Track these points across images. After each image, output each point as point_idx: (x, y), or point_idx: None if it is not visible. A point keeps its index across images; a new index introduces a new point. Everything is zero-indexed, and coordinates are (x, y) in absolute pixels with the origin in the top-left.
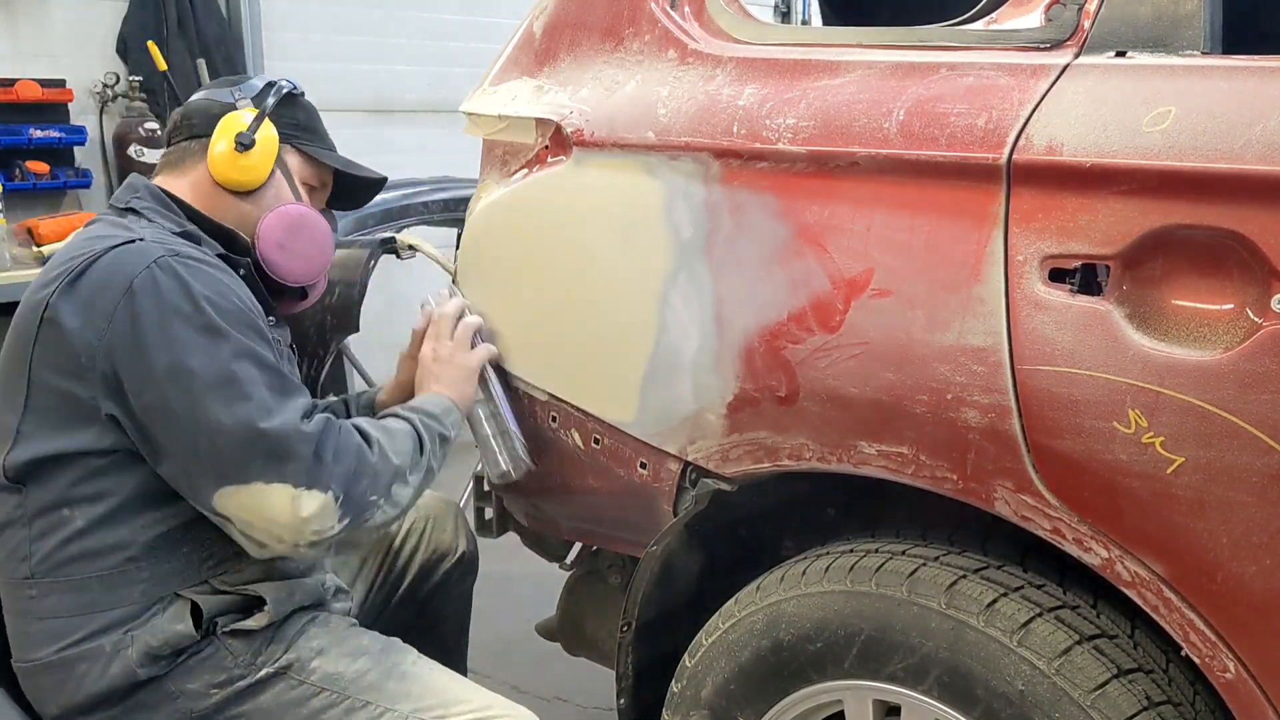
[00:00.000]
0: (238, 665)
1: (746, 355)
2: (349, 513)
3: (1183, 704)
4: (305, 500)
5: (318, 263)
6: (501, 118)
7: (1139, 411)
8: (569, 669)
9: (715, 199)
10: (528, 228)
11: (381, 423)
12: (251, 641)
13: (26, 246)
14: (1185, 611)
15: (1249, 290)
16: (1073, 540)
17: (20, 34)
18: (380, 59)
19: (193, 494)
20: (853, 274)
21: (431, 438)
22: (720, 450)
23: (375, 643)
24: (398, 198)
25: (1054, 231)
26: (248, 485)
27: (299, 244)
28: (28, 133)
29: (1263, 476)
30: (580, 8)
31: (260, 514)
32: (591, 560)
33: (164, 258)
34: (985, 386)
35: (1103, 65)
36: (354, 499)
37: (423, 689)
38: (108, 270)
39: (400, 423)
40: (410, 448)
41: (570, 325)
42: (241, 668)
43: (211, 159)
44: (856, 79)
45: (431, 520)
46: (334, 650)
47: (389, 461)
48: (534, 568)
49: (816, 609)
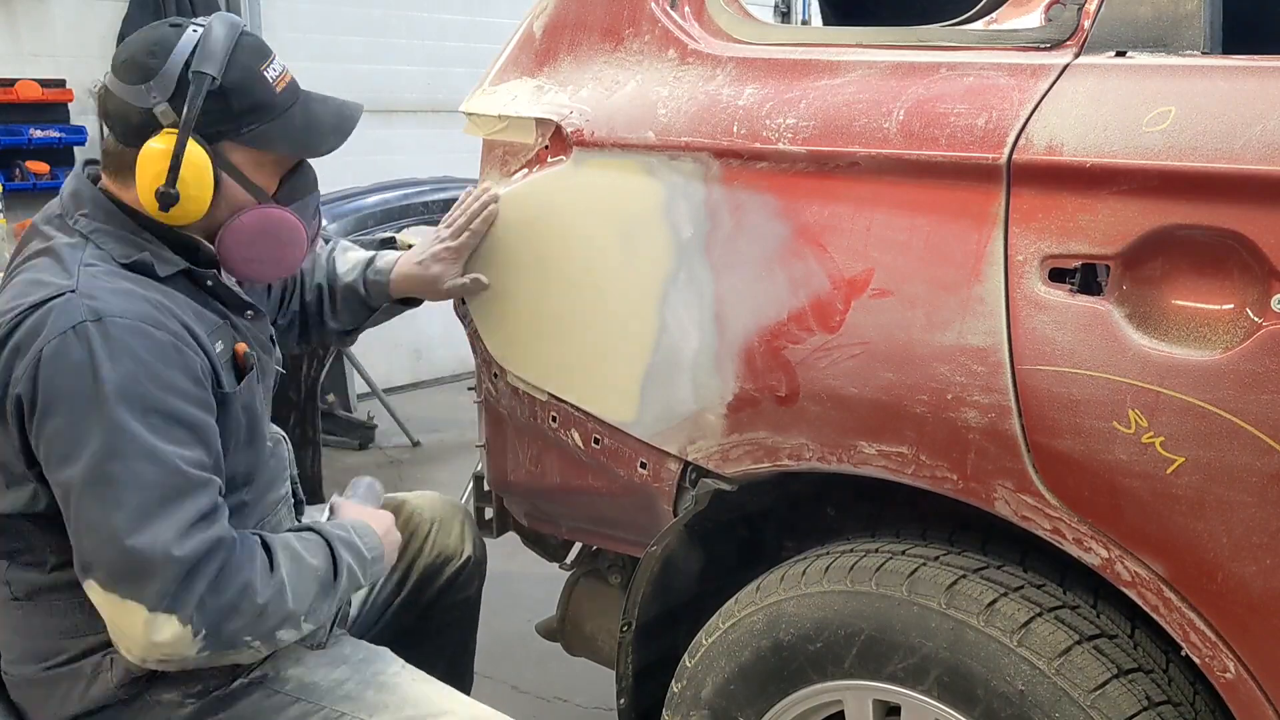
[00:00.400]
0: (214, 674)
1: (746, 355)
2: (210, 646)
3: (1183, 704)
4: (159, 624)
5: (290, 257)
6: (501, 118)
7: (1139, 411)
8: (569, 669)
9: (715, 199)
10: (528, 228)
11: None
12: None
13: None
14: (1185, 611)
15: (1249, 290)
16: (1073, 540)
17: (20, 34)
18: (380, 59)
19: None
20: (853, 274)
21: (349, 581)
22: (720, 450)
23: (357, 651)
24: (398, 198)
25: (1054, 231)
26: (107, 592)
27: (265, 250)
28: (28, 133)
29: (1263, 476)
30: (580, 8)
31: (114, 623)
32: (591, 560)
33: (83, 324)
34: (985, 386)
35: (1103, 65)
36: (221, 635)
37: (401, 699)
38: (28, 333)
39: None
40: (315, 593)
41: (570, 325)
42: (219, 676)
43: (142, 198)
44: (856, 79)
45: (437, 523)
46: (312, 659)
47: (283, 604)
48: (534, 568)
49: (816, 609)
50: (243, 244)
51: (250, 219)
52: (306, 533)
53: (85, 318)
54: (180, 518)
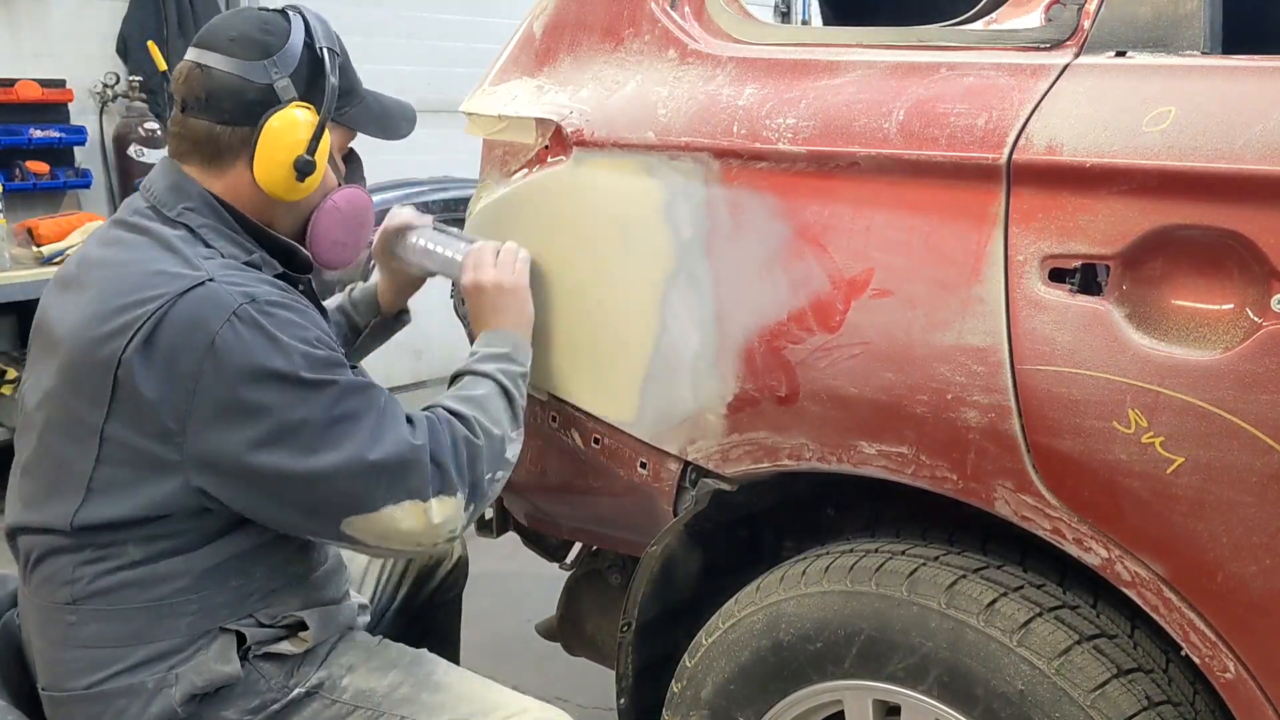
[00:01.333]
0: (270, 689)
1: (746, 355)
2: (474, 499)
3: (1183, 704)
4: (435, 508)
5: (365, 241)
6: (501, 118)
7: (1139, 411)
8: (569, 669)
9: (715, 199)
10: (528, 228)
11: (469, 394)
12: (284, 664)
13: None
14: (1185, 611)
15: (1249, 290)
16: (1073, 540)
17: (20, 34)
18: (380, 59)
19: (314, 534)
20: (853, 274)
21: (514, 382)
22: (720, 450)
23: (404, 655)
24: (398, 198)
25: (1054, 231)
26: (376, 513)
27: (352, 234)
28: (28, 133)
29: (1263, 476)
30: (580, 8)
31: (395, 532)
32: (591, 560)
33: (243, 306)
34: (985, 386)
35: (1103, 65)
36: (478, 486)
37: (456, 698)
38: (185, 326)
39: (485, 384)
40: (503, 408)
41: (570, 325)
42: (275, 691)
43: (263, 172)
44: (856, 79)
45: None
46: (363, 666)
47: (493, 435)
48: (534, 568)
49: (816, 609)
50: (336, 224)
51: (342, 199)
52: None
53: (241, 301)
54: (397, 419)
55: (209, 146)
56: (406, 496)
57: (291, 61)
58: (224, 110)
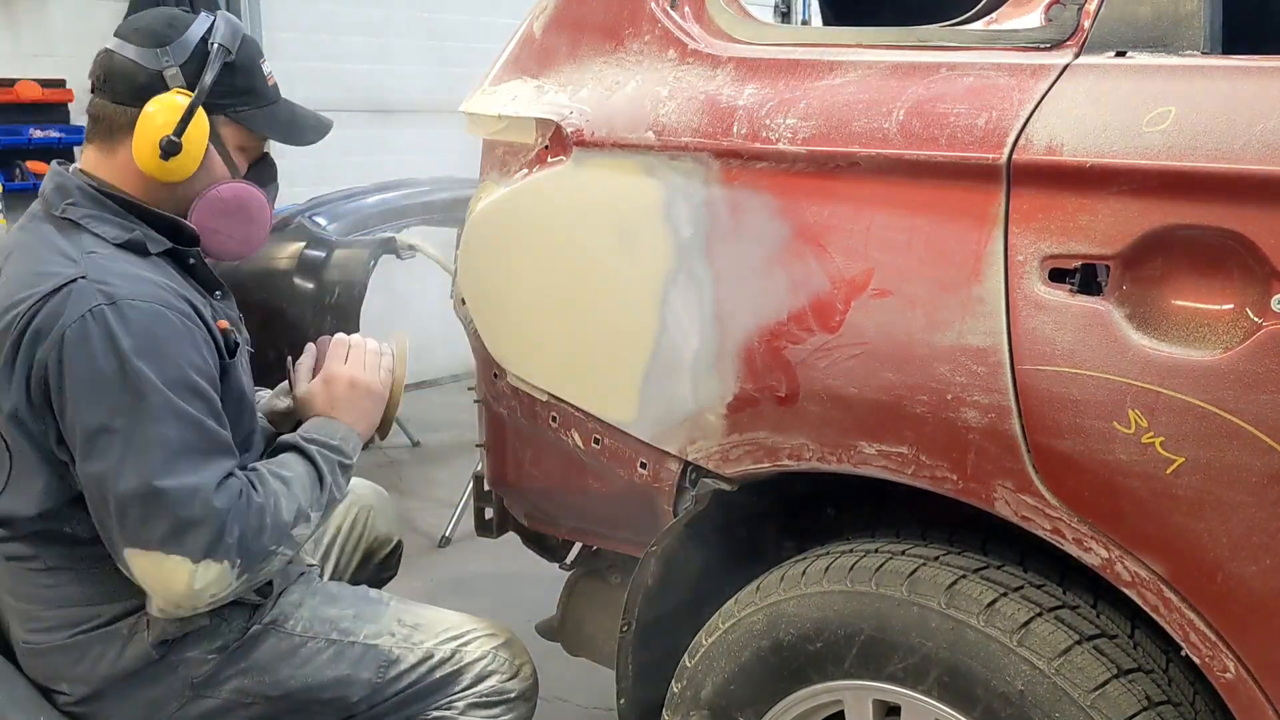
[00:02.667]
0: (231, 630)
1: (746, 355)
2: (247, 569)
3: (1183, 704)
4: (201, 572)
5: (255, 238)
6: (501, 118)
7: (1139, 411)
8: (569, 669)
9: (715, 199)
10: (528, 228)
11: (281, 466)
12: (244, 609)
13: None
14: (1185, 611)
15: (1249, 290)
16: (1073, 540)
17: (20, 34)
18: (380, 59)
19: (109, 547)
20: (853, 274)
21: (332, 470)
22: (720, 450)
23: (347, 589)
24: (398, 198)
25: (1054, 231)
26: (149, 552)
27: (233, 227)
28: (28, 133)
29: (1263, 476)
30: (580, 8)
31: (155, 581)
32: (591, 560)
33: (99, 306)
34: (985, 386)
35: (1103, 65)
36: (253, 554)
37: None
38: (47, 317)
39: (301, 462)
40: (311, 489)
41: (570, 325)
42: (235, 632)
43: (137, 152)
44: (856, 79)
45: (371, 510)
46: (311, 600)
47: (294, 506)
48: (534, 568)
49: (816, 609)
50: (217, 214)
51: (228, 190)
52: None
53: (100, 301)
54: (214, 471)
55: (105, 125)
56: (178, 551)
57: (183, 53)
58: (118, 91)
